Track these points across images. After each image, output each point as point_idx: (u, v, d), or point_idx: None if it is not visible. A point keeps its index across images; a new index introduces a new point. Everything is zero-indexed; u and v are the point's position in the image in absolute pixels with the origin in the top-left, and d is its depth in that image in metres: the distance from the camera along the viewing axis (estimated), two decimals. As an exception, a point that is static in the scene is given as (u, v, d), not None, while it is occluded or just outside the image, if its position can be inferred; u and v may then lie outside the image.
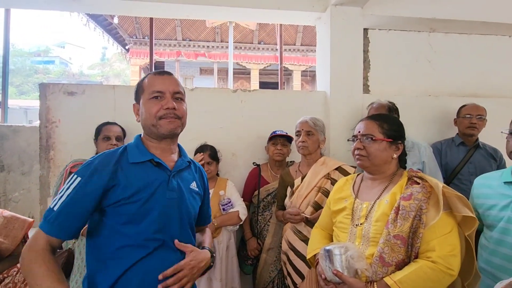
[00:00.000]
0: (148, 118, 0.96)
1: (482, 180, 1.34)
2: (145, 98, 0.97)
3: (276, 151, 1.98)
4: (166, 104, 0.95)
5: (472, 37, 2.66)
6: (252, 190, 2.05)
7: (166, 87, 0.97)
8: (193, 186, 1.06)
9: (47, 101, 2.07)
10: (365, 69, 2.49)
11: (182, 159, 1.06)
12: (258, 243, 1.96)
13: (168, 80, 0.99)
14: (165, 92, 0.97)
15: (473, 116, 2.05)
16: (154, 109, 0.95)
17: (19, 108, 12.82)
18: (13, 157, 3.24)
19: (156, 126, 0.96)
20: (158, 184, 0.94)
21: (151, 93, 0.96)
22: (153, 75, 1.00)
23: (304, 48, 9.71)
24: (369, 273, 0.96)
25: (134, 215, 0.89)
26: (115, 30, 8.83)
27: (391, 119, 1.18)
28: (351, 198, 1.16)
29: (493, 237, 1.21)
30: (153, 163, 0.96)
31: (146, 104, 0.96)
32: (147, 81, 0.99)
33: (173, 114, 0.96)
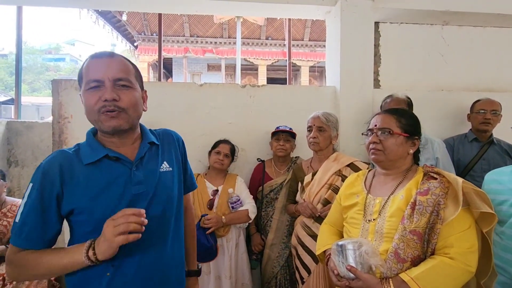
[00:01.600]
0: (89, 112, 0.82)
1: (493, 176, 1.32)
2: (83, 89, 0.82)
3: (279, 147, 1.96)
4: (103, 94, 0.80)
5: (487, 30, 2.59)
6: (257, 186, 2.05)
7: (103, 74, 0.81)
8: (164, 167, 0.93)
9: (60, 97, 2.10)
10: (375, 64, 2.44)
11: (143, 143, 0.92)
12: (261, 238, 1.97)
13: (106, 64, 0.82)
14: (103, 81, 0.81)
15: (487, 112, 2.00)
16: (91, 102, 0.81)
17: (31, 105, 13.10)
18: (27, 152, 3.31)
19: (97, 122, 0.83)
20: (121, 181, 0.84)
21: (88, 83, 0.81)
22: (91, 59, 0.83)
23: (312, 44, 9.61)
24: (383, 269, 0.95)
25: (102, 221, 0.77)
26: (124, 27, 8.89)
27: (408, 113, 1.15)
28: (363, 194, 1.14)
29: (505, 232, 1.20)
30: (110, 158, 0.85)
31: (84, 95, 0.82)
32: (85, 68, 0.83)
33: (114, 106, 0.81)
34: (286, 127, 1.99)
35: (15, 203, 1.93)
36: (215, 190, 1.91)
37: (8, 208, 1.88)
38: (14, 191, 3.31)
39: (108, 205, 0.81)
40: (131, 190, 0.84)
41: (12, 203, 1.91)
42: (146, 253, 0.86)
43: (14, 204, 1.91)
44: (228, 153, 1.94)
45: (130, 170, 0.86)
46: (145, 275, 0.85)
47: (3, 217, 1.83)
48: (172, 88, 2.24)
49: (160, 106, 2.15)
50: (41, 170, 0.81)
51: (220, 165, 1.92)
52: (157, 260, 0.88)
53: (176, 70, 10.65)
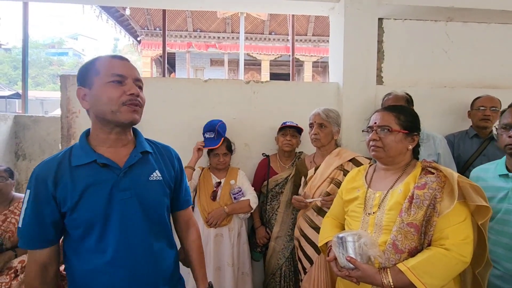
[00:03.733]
0: (107, 103, 0.85)
1: (478, 173, 1.36)
2: (102, 81, 0.85)
3: (285, 142, 2.00)
4: (130, 89, 0.86)
5: (492, 26, 2.59)
6: (262, 180, 2.09)
7: (128, 72, 0.88)
8: (154, 176, 0.95)
9: (68, 92, 2.14)
10: (379, 60, 2.45)
11: (136, 150, 0.94)
12: (266, 231, 2.02)
13: (128, 65, 0.90)
14: (127, 77, 0.87)
15: (487, 108, 2.03)
16: (115, 94, 0.84)
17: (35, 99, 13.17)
18: (34, 146, 3.38)
19: (115, 113, 0.85)
20: (108, 185, 0.87)
21: (111, 76, 0.85)
22: (111, 58, 0.89)
23: (315, 39, 9.57)
24: (382, 259, 0.99)
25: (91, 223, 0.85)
26: (127, 21, 8.90)
27: (407, 110, 1.18)
28: (364, 188, 1.18)
29: (494, 227, 1.25)
30: (99, 164, 0.87)
31: (104, 87, 0.85)
32: (104, 63, 0.87)
33: (137, 101, 0.88)
34: (293, 123, 2.03)
35: (22, 199, 1.95)
36: (218, 182, 1.98)
37: (16, 206, 1.87)
38: (23, 183, 3.38)
39: (94, 206, 0.85)
40: (117, 196, 0.87)
41: (19, 200, 1.91)
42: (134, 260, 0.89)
43: (21, 201, 1.92)
44: (226, 152, 1.98)
45: (117, 176, 0.88)
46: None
47: (11, 215, 1.84)
48: (177, 84, 2.27)
49: (164, 102, 2.18)
50: (34, 175, 0.86)
51: (223, 165, 2.00)
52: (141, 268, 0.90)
53: (179, 65, 10.67)
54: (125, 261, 0.87)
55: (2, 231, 1.80)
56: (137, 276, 0.89)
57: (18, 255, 1.81)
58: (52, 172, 0.85)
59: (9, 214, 1.83)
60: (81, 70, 0.90)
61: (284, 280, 1.91)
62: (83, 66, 0.91)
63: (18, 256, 1.81)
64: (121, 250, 0.86)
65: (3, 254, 1.77)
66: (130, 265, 0.88)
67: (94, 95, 0.86)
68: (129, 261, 0.88)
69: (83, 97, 0.89)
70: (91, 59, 0.91)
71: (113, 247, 0.86)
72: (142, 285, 0.90)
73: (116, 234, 0.86)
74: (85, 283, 0.87)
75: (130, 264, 0.88)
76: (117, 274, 0.86)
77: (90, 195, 0.85)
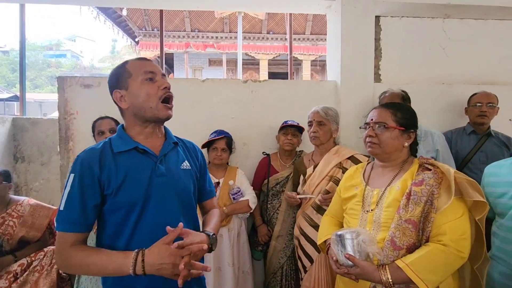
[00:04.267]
0: (146, 100, 0.94)
1: (492, 169, 1.34)
2: (137, 81, 0.95)
3: (286, 141, 2.00)
4: (162, 84, 0.96)
5: (489, 23, 2.59)
6: (262, 179, 2.09)
7: (155, 68, 0.97)
8: (185, 165, 1.05)
9: (65, 94, 2.14)
10: (376, 58, 2.46)
11: (168, 141, 1.04)
12: (268, 229, 2.02)
13: (154, 63, 1.00)
14: (156, 73, 0.97)
15: (483, 104, 2.03)
16: (151, 90, 0.94)
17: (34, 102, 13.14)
18: (33, 148, 3.37)
19: (154, 110, 0.95)
20: (146, 171, 0.95)
21: (143, 74, 0.95)
22: (138, 60, 0.99)
23: (313, 37, 9.56)
24: (380, 256, 1.00)
25: (133, 204, 0.91)
26: (125, 22, 8.89)
27: (404, 107, 1.18)
28: (362, 186, 1.18)
29: (504, 224, 1.22)
30: (139, 150, 0.97)
31: (140, 86, 0.94)
32: (134, 65, 0.97)
33: (170, 93, 0.99)
34: (294, 122, 2.03)
35: (20, 202, 1.90)
36: (217, 183, 1.97)
37: (13, 208, 1.84)
38: (22, 186, 3.38)
39: (137, 188, 0.93)
40: (155, 181, 0.95)
41: (17, 203, 1.89)
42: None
43: (19, 203, 1.88)
44: (225, 147, 1.98)
45: (155, 163, 0.97)
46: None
47: (9, 217, 1.82)
48: (175, 84, 2.23)
49: (163, 101, 2.18)
50: (80, 160, 0.92)
51: (219, 161, 1.98)
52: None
53: (177, 65, 10.65)
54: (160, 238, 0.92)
55: (1, 234, 1.79)
56: None
57: (18, 258, 1.81)
58: (96, 158, 0.92)
59: (7, 217, 1.83)
60: (112, 75, 1.00)
61: (285, 279, 1.91)
62: (113, 72, 1.00)
63: (18, 259, 1.80)
64: (157, 230, 0.91)
65: (2, 259, 1.77)
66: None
67: (132, 94, 0.95)
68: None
69: (120, 98, 0.97)
70: (119, 65, 1.01)
71: (151, 227, 0.93)
72: None
73: (153, 214, 0.94)
74: None
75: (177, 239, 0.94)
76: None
77: (133, 178, 0.93)
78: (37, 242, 1.90)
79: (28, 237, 1.86)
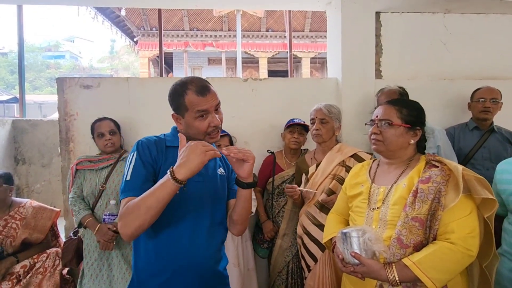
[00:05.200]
0: (196, 134, 1.05)
1: (505, 166, 1.32)
2: (191, 117, 1.04)
3: (293, 139, 1.99)
4: (213, 122, 1.04)
5: (490, 17, 2.57)
6: (267, 178, 2.08)
7: (210, 105, 1.04)
8: (220, 171, 1.16)
9: (65, 95, 2.12)
10: (377, 54, 2.44)
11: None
12: (273, 225, 2.00)
13: (210, 97, 1.04)
14: (210, 111, 1.04)
15: (487, 100, 2.01)
16: (202, 128, 1.04)
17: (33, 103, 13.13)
18: (33, 150, 3.37)
19: (203, 138, 1.06)
20: None
21: (198, 113, 1.03)
22: (196, 95, 1.03)
23: (313, 34, 9.54)
24: (387, 254, 0.98)
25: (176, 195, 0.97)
26: (123, 22, 8.86)
27: (411, 104, 1.16)
28: (368, 183, 1.17)
29: None
30: None
31: (194, 122, 1.04)
32: (191, 100, 1.03)
33: (218, 129, 1.07)
34: (301, 120, 2.02)
35: (22, 204, 1.88)
36: None
37: (16, 210, 1.83)
38: (23, 188, 3.38)
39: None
40: (194, 178, 0.98)
41: (19, 205, 1.87)
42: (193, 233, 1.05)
43: (21, 205, 1.86)
44: (227, 145, 1.98)
45: None
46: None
47: (11, 220, 1.81)
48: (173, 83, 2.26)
49: (162, 102, 2.14)
50: (140, 143, 1.06)
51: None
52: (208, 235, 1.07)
53: (176, 64, 10.63)
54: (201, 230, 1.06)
55: (4, 236, 1.79)
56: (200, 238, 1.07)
57: (20, 260, 1.80)
58: (153, 145, 1.07)
59: (10, 219, 1.82)
60: (173, 98, 1.08)
61: (291, 277, 1.90)
62: (174, 95, 1.07)
63: (20, 261, 1.80)
64: (197, 223, 1.05)
65: (4, 261, 1.76)
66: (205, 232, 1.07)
67: (186, 124, 1.06)
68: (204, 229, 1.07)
69: (177, 120, 1.10)
70: (180, 90, 1.05)
71: (191, 221, 1.04)
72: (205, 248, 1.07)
73: (191, 209, 1.04)
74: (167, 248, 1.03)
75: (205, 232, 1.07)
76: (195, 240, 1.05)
77: None
78: (39, 244, 1.89)
79: (31, 239, 1.86)
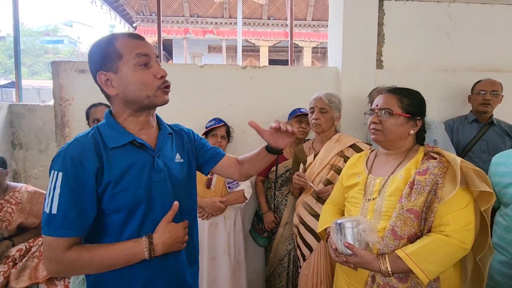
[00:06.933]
0: (142, 89, 0.83)
1: (500, 158, 1.32)
2: (129, 68, 0.82)
3: (301, 129, 1.98)
4: (159, 72, 0.84)
5: (496, 7, 2.50)
6: (269, 166, 2.07)
7: (150, 50, 0.84)
8: (177, 158, 0.98)
9: (60, 79, 2.09)
10: (379, 44, 2.39)
11: (163, 132, 0.95)
12: (274, 216, 2.00)
13: (146, 42, 0.86)
14: (151, 57, 0.84)
15: (487, 92, 1.98)
16: (148, 79, 0.83)
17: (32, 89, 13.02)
18: (30, 135, 3.34)
19: (151, 98, 0.85)
20: (145, 168, 0.87)
21: (136, 57, 0.81)
22: (129, 37, 0.84)
23: (315, 23, 9.39)
24: (380, 245, 0.98)
25: (136, 204, 0.84)
26: (122, 7, 8.69)
27: (412, 93, 1.13)
28: (364, 174, 1.16)
29: (508, 214, 1.22)
30: (136, 144, 0.87)
31: (134, 73, 0.82)
32: (125, 44, 0.82)
33: (169, 83, 0.88)
34: (306, 110, 1.99)
35: (17, 189, 1.88)
36: None
37: (11, 195, 1.83)
38: (20, 173, 3.37)
39: (138, 187, 0.84)
40: (154, 177, 0.87)
41: (14, 189, 1.87)
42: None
43: (16, 190, 1.87)
44: (224, 135, 1.96)
45: (152, 158, 0.89)
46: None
47: (6, 204, 1.81)
48: (172, 70, 2.19)
49: (160, 88, 2.13)
50: (69, 156, 0.78)
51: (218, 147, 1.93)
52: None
53: (176, 51, 10.49)
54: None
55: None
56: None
57: (15, 244, 1.81)
58: (90, 152, 0.80)
59: (5, 204, 1.82)
60: (97, 53, 0.84)
61: (293, 265, 1.91)
62: (98, 49, 0.84)
63: (15, 245, 1.81)
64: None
65: (0, 244, 1.77)
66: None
67: (123, 81, 0.83)
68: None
69: (106, 82, 0.84)
70: (105, 40, 0.84)
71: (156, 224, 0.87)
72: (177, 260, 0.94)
73: (158, 215, 0.88)
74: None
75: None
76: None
77: (133, 176, 0.84)
78: (35, 228, 1.90)
79: (27, 223, 1.86)
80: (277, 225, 1.97)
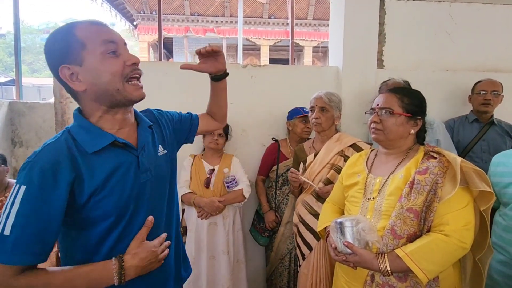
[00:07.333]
0: (110, 80, 0.73)
1: (500, 158, 1.32)
2: (95, 57, 0.71)
3: (306, 129, 1.98)
4: (129, 59, 0.74)
5: (497, 7, 2.50)
6: (270, 165, 2.07)
7: (117, 37, 0.74)
8: (161, 151, 0.91)
9: (60, 77, 2.09)
10: (380, 43, 2.38)
11: (142, 126, 0.87)
12: (276, 215, 2.00)
13: (111, 29, 0.76)
14: (119, 43, 0.74)
15: (488, 92, 1.98)
16: (117, 68, 0.72)
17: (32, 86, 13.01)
18: (30, 133, 3.34)
19: (122, 92, 0.75)
20: (132, 169, 0.80)
21: (103, 44, 0.71)
22: (91, 24, 0.73)
23: (316, 23, 9.37)
24: (380, 245, 0.98)
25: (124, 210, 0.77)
26: (122, 5, 8.68)
27: (413, 93, 1.13)
28: (364, 173, 1.16)
29: (508, 214, 1.22)
30: (118, 144, 0.78)
31: (101, 62, 0.71)
32: (87, 31, 0.72)
33: (139, 71, 0.77)
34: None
35: None
36: (212, 169, 1.95)
37: None
38: (20, 171, 3.38)
39: (125, 191, 0.78)
40: (140, 178, 0.81)
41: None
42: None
43: None
44: (221, 133, 1.95)
45: (136, 157, 0.81)
46: None
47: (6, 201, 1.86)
48: (172, 68, 2.22)
49: (160, 86, 2.13)
50: (39, 166, 0.68)
51: (215, 145, 1.93)
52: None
53: (176, 50, 10.48)
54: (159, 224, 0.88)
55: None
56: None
57: None
58: (64, 161, 0.70)
59: (5, 201, 1.82)
60: (55, 44, 0.72)
61: (294, 263, 1.91)
62: (56, 40, 0.73)
63: None
64: (152, 233, 0.82)
65: None
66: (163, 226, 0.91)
67: (90, 72, 0.72)
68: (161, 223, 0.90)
69: (71, 76, 0.72)
70: (64, 29, 0.73)
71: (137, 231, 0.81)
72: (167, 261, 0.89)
73: (144, 217, 0.81)
74: None
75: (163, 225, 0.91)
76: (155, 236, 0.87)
77: (118, 179, 0.76)
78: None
79: None
80: (278, 225, 1.98)
